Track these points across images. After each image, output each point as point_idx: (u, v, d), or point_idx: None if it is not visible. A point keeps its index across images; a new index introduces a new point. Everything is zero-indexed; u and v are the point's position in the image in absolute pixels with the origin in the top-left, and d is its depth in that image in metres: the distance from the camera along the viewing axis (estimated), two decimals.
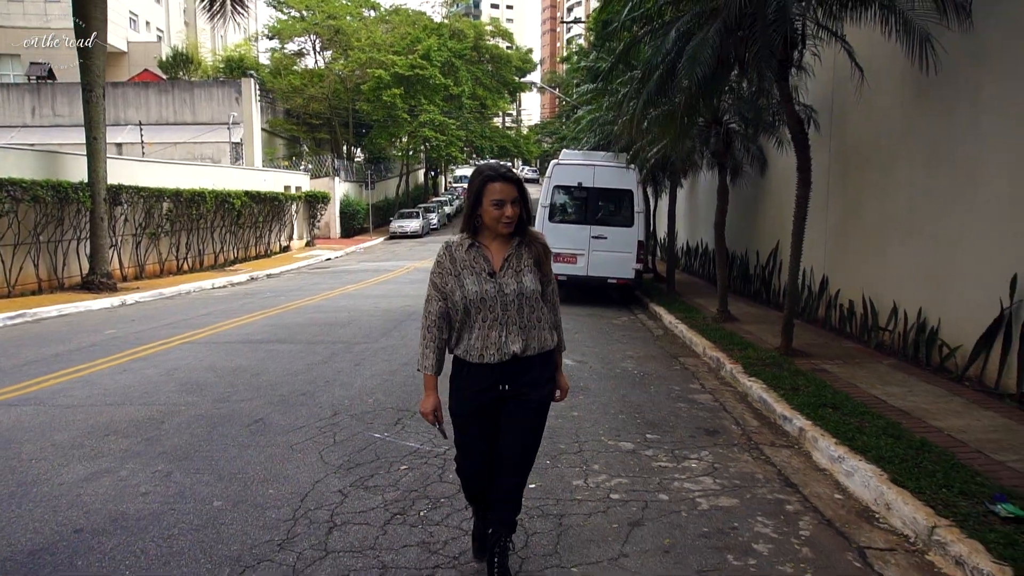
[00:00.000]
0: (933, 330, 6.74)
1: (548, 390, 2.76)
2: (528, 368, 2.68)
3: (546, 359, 2.75)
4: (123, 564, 2.93)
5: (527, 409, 2.69)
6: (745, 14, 6.05)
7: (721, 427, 5.22)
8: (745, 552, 3.22)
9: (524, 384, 2.67)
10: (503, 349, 2.61)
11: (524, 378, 2.67)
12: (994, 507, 3.42)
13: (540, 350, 2.70)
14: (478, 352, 2.62)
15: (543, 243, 2.76)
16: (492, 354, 2.61)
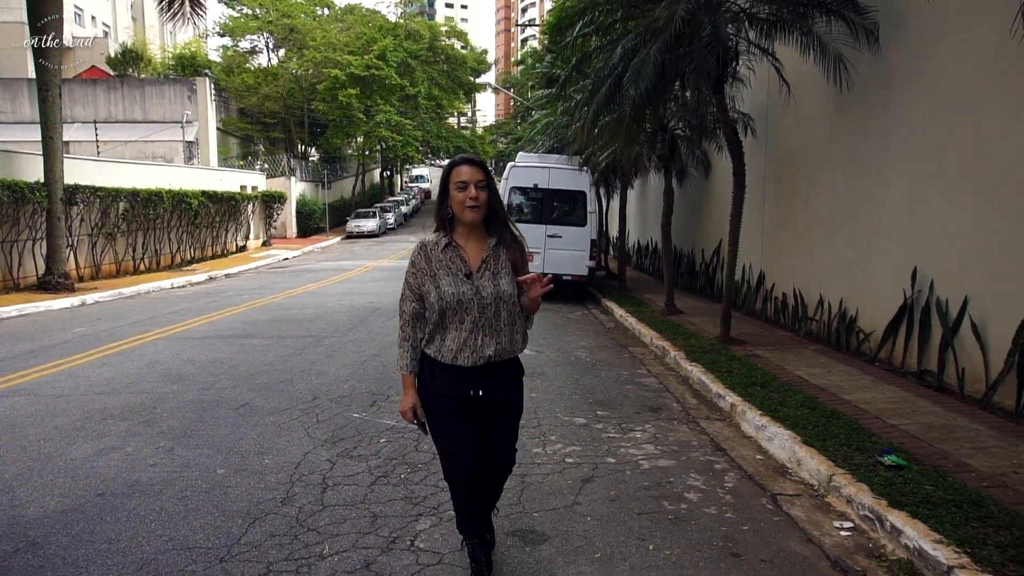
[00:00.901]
0: (852, 318, 7.55)
1: (519, 393, 2.78)
2: (500, 373, 2.66)
3: (516, 363, 2.75)
4: (147, 519, 3.37)
5: (502, 408, 2.72)
6: (683, 34, 6.73)
7: (664, 405, 5.87)
8: (678, 499, 3.84)
9: (498, 391, 2.67)
10: (478, 352, 2.57)
11: (497, 383, 2.66)
12: (882, 459, 4.12)
13: (512, 354, 2.69)
14: (452, 354, 2.58)
15: (521, 245, 2.72)
16: (467, 357, 2.57)
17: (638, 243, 19.71)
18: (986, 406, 5.31)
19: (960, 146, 5.81)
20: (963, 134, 5.78)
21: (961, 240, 5.83)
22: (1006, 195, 5.30)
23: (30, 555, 3.02)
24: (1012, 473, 3.96)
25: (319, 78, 35.87)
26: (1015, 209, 5.21)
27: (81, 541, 3.15)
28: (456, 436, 2.66)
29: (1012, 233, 5.24)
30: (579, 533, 3.37)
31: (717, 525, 3.52)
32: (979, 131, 5.59)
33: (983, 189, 5.56)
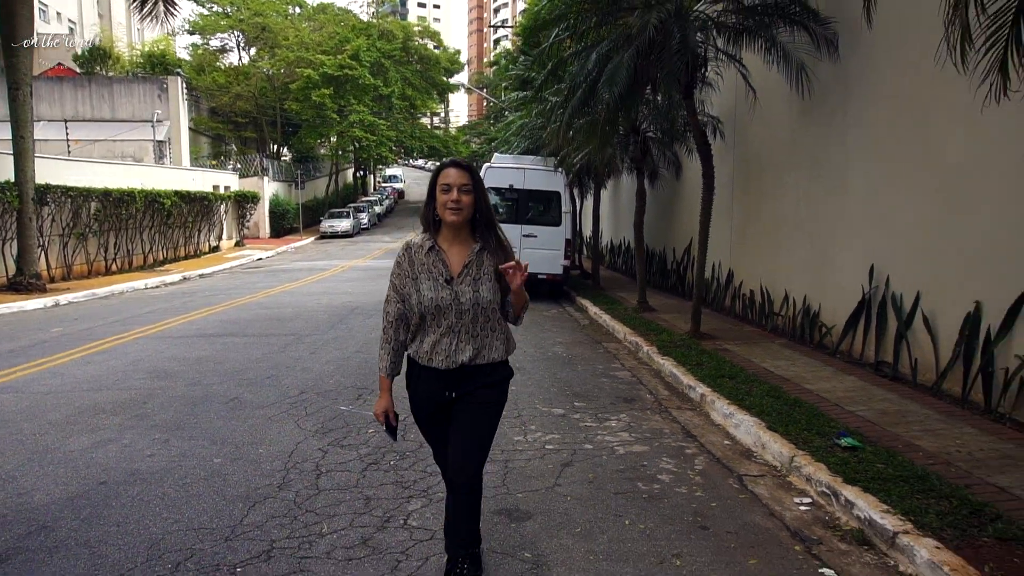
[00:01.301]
0: (815, 314, 7.92)
1: (497, 392, 2.70)
2: (476, 375, 2.63)
3: (496, 368, 2.68)
4: (151, 504, 3.54)
5: (475, 402, 2.64)
6: (655, 41, 7.03)
7: (637, 396, 6.15)
8: (651, 480, 4.11)
9: (472, 387, 2.63)
10: (452, 357, 2.57)
11: (472, 383, 2.63)
12: (839, 441, 4.44)
13: (491, 360, 2.65)
14: (427, 356, 2.60)
15: (508, 254, 2.65)
16: (441, 360, 2.58)
17: (611, 243, 20.08)
18: (936, 393, 5.69)
19: (910, 150, 6.19)
20: (912, 138, 6.16)
21: (913, 238, 6.21)
22: (951, 195, 5.69)
23: (43, 537, 3.18)
24: (955, 452, 4.31)
25: (292, 77, 35.70)
26: (959, 209, 5.60)
27: (90, 524, 3.31)
28: (435, 438, 2.75)
29: (957, 231, 5.62)
30: (560, 511, 3.62)
31: (687, 502, 3.80)
32: (926, 136, 5.97)
33: (931, 190, 5.94)
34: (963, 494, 3.59)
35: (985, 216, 5.33)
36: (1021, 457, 4.22)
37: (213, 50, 40.53)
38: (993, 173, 5.24)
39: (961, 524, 3.26)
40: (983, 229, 5.35)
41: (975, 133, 5.34)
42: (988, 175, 5.29)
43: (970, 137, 5.43)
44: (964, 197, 5.55)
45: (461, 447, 2.63)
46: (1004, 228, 5.14)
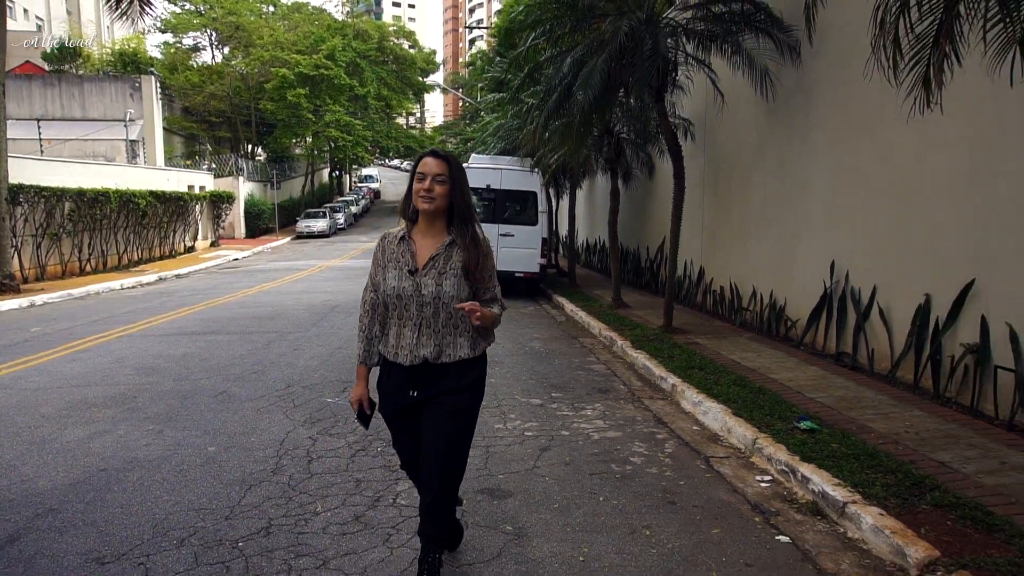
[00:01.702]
0: (780, 308, 8.28)
1: (466, 399, 2.61)
2: (441, 376, 2.57)
3: (463, 368, 2.60)
4: (151, 488, 3.73)
5: (442, 413, 2.56)
6: (627, 47, 7.33)
7: (611, 387, 6.44)
8: (624, 462, 4.39)
9: (437, 391, 2.57)
10: (414, 352, 2.54)
11: (437, 386, 2.57)
12: (798, 424, 4.76)
13: (457, 359, 2.58)
14: (394, 351, 2.58)
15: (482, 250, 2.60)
16: (405, 355, 2.55)
17: (587, 241, 20.41)
18: (890, 381, 6.06)
19: (864, 152, 6.55)
20: (866, 142, 6.53)
21: (869, 236, 6.58)
22: (901, 196, 6.06)
23: (51, 518, 3.35)
24: (904, 432, 4.65)
25: (266, 77, 35.53)
26: (908, 208, 5.97)
27: (95, 506, 3.49)
28: (398, 439, 2.74)
29: (907, 229, 6.00)
30: (539, 490, 3.87)
31: (657, 481, 4.08)
32: (878, 140, 6.33)
33: (884, 190, 6.31)
34: (907, 468, 3.92)
35: (932, 215, 5.71)
36: (962, 436, 4.57)
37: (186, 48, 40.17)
38: (939, 175, 5.61)
39: (903, 494, 3.58)
40: (930, 227, 5.72)
41: (922, 137, 5.71)
42: (934, 177, 5.66)
43: (917, 141, 5.80)
44: (913, 197, 5.93)
45: (427, 458, 2.55)
46: (949, 226, 5.51)
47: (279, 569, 2.91)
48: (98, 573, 2.86)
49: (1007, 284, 4.94)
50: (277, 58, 34.71)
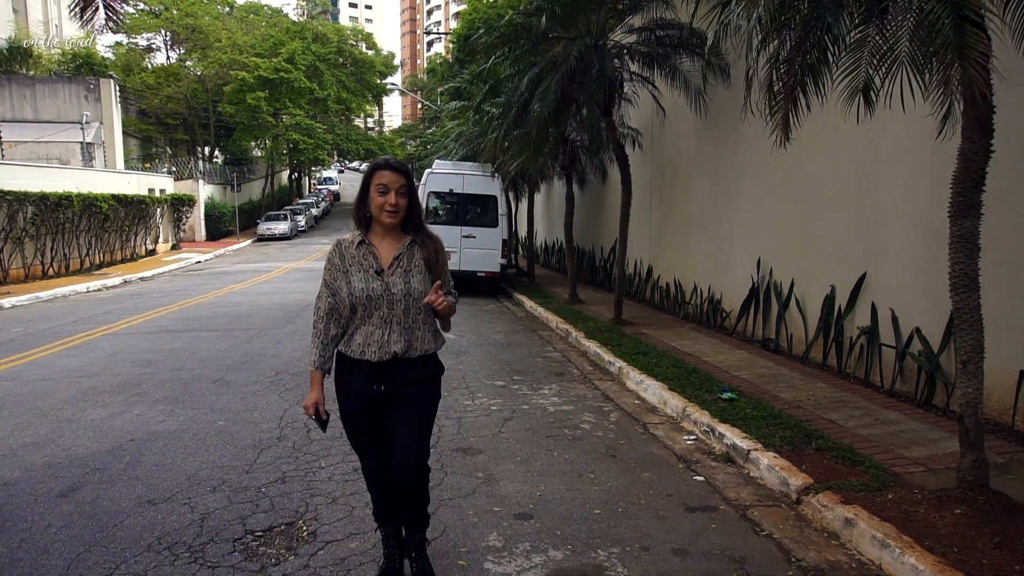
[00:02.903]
0: (717, 301, 9.25)
1: (430, 391, 2.77)
2: (407, 369, 2.69)
3: (427, 362, 2.75)
4: (177, 453, 4.40)
5: (409, 404, 2.71)
6: (578, 68, 8.18)
7: (566, 371, 7.27)
8: (575, 428, 5.21)
9: (403, 383, 2.69)
10: (384, 348, 2.63)
11: (403, 379, 2.69)
12: (721, 395, 5.66)
13: (423, 352, 2.71)
14: (359, 348, 2.64)
15: (437, 245, 2.76)
16: (373, 352, 2.62)
17: (545, 242, 21.30)
18: (804, 361, 7.04)
19: (782, 164, 7.52)
20: (785, 157, 7.47)
21: (788, 236, 7.57)
22: (811, 202, 7.05)
23: (99, 475, 4.01)
24: (806, 399, 5.60)
25: (225, 80, 35.53)
26: (816, 213, 6.95)
27: (133, 466, 4.15)
28: (363, 434, 2.76)
29: (815, 229, 6.98)
30: (504, 448, 4.67)
31: (602, 441, 4.91)
32: (792, 153, 7.30)
33: (798, 198, 7.29)
34: (802, 425, 4.83)
35: (834, 218, 6.70)
36: (852, 401, 5.54)
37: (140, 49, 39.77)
38: (838, 185, 6.60)
39: (795, 443, 4.48)
40: (833, 228, 6.72)
41: (825, 153, 6.70)
42: (835, 186, 6.65)
43: (822, 156, 6.78)
44: (820, 204, 6.92)
45: (400, 444, 2.69)
46: (846, 227, 6.51)
47: (298, 505, 3.64)
48: (152, 511, 3.55)
49: (889, 277, 5.93)
50: (236, 61, 34.77)
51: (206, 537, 3.28)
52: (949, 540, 3.13)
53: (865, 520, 3.36)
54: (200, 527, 3.38)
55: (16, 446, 4.53)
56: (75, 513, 3.52)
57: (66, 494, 3.75)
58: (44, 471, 4.08)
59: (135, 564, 3.02)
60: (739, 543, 3.37)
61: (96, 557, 3.08)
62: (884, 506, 3.52)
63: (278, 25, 40.88)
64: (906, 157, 5.71)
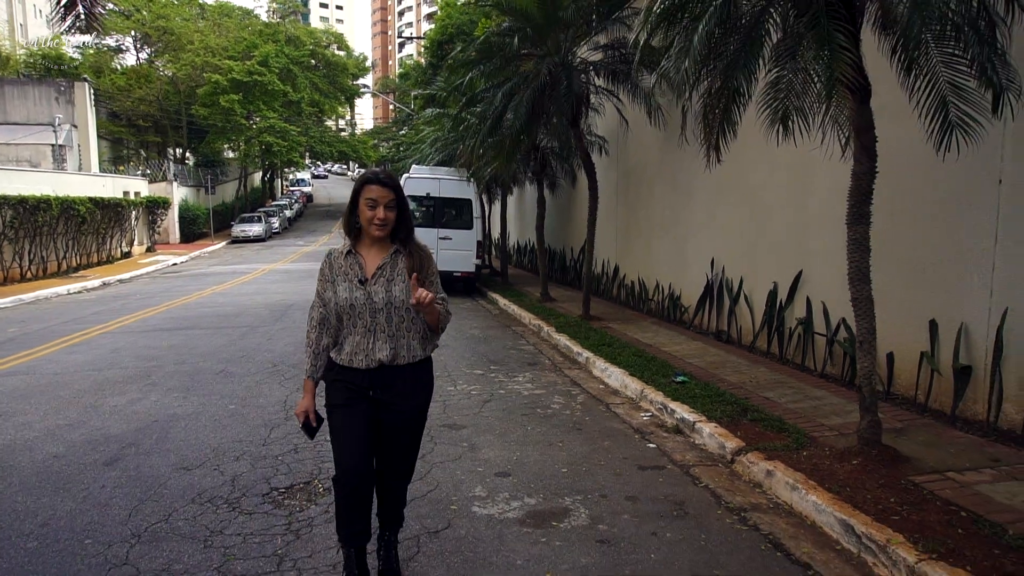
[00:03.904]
0: (677, 297, 10.06)
1: (421, 399, 2.82)
2: (397, 377, 2.72)
3: (417, 369, 2.78)
4: (198, 431, 5.01)
5: (401, 419, 2.76)
6: (546, 85, 8.91)
7: (538, 361, 7.99)
8: (546, 408, 5.93)
9: (395, 395, 2.73)
10: (371, 356, 2.68)
11: (394, 388, 2.73)
12: (675, 378, 6.43)
13: (411, 360, 2.74)
14: (348, 357, 2.70)
15: (424, 255, 2.78)
16: (360, 360, 2.68)
17: (518, 244, 22.03)
18: (751, 350, 7.86)
19: (730, 173, 8.33)
20: (731, 165, 8.29)
21: (737, 237, 8.38)
22: (755, 208, 7.87)
23: (135, 449, 4.61)
24: (748, 382, 6.39)
25: (198, 82, 35.63)
26: (760, 217, 7.78)
27: (163, 441, 4.76)
28: (346, 428, 2.73)
29: (760, 233, 7.81)
30: (485, 424, 5.36)
31: (570, 418, 5.64)
32: (738, 163, 8.13)
33: (745, 202, 8.11)
34: (741, 402, 5.61)
35: (775, 221, 7.52)
36: (787, 382, 6.35)
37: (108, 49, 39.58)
38: (779, 191, 7.43)
39: (734, 416, 5.25)
40: (774, 231, 7.54)
41: (768, 163, 7.52)
42: (776, 193, 7.48)
43: (766, 166, 7.60)
44: (762, 209, 7.75)
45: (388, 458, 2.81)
46: (785, 229, 7.33)
47: (312, 469, 4.30)
48: (188, 475, 4.17)
49: (820, 274, 6.76)
50: (209, 63, 34.90)
51: (239, 493, 3.92)
52: (844, 482, 3.91)
53: (782, 471, 4.13)
54: (232, 486, 4.02)
55: (53, 427, 5.11)
56: (122, 477, 4.13)
57: (110, 463, 4.36)
58: (85, 446, 4.67)
59: (184, 512, 3.66)
60: (680, 492, 4.12)
61: (150, 508, 3.70)
62: (799, 461, 4.29)
63: (250, 27, 41.02)
64: (830, 171, 6.51)
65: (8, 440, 4.83)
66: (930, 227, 5.38)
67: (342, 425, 2.75)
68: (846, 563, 3.29)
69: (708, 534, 3.55)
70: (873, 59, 3.98)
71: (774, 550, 3.40)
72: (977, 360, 4.94)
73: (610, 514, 3.75)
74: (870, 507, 3.58)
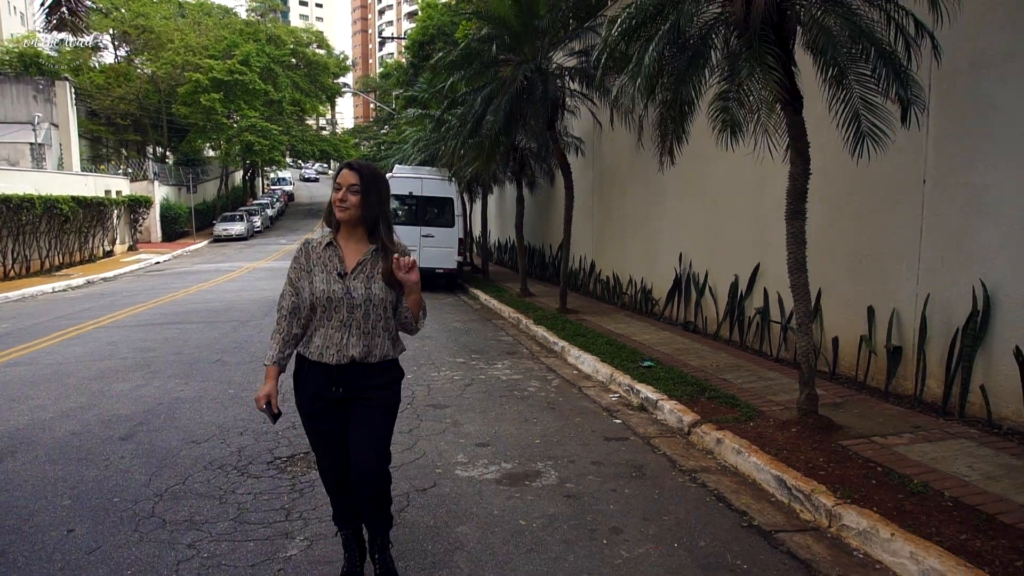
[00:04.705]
0: (648, 291, 10.61)
1: (389, 396, 2.78)
2: (366, 375, 2.70)
3: (387, 368, 2.76)
4: (203, 411, 5.44)
5: (368, 407, 2.71)
6: (524, 89, 9.41)
7: (517, 350, 8.49)
8: (523, 391, 6.43)
9: (362, 387, 2.70)
10: (342, 351, 2.64)
11: (361, 383, 2.70)
12: (642, 363, 6.96)
13: (382, 359, 2.72)
14: (319, 351, 2.66)
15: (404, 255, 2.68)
16: (332, 355, 2.64)
17: (499, 241, 22.53)
18: (715, 338, 8.42)
19: (698, 175, 8.90)
20: (696, 168, 8.88)
21: (702, 233, 8.95)
22: (719, 205, 8.44)
23: (146, 427, 5.03)
24: (709, 366, 6.94)
25: (178, 81, 35.66)
26: (723, 214, 8.34)
27: (171, 421, 5.19)
28: (321, 435, 2.77)
29: (723, 229, 8.37)
30: (466, 404, 5.85)
31: (545, 399, 6.14)
32: (702, 167, 8.69)
33: (709, 201, 8.67)
34: (701, 383, 6.15)
35: (735, 218, 8.09)
36: (744, 366, 6.91)
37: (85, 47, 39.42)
38: (738, 190, 7.99)
39: (693, 395, 5.79)
40: (735, 227, 8.11)
41: (728, 164, 8.08)
42: (736, 192, 8.04)
43: (726, 167, 8.17)
44: (725, 206, 8.31)
45: (358, 446, 2.70)
46: (745, 225, 7.90)
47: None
48: (198, 447, 4.61)
49: (775, 267, 7.32)
50: (189, 62, 34.95)
51: (245, 461, 4.38)
52: (782, 447, 4.45)
53: (730, 439, 4.67)
54: (239, 456, 4.47)
55: (66, 409, 5.51)
56: (138, 450, 4.56)
57: (125, 438, 4.78)
58: (99, 425, 5.09)
59: (199, 476, 4.10)
60: (640, 458, 4.64)
61: (167, 474, 4.15)
62: (746, 431, 4.83)
63: (230, 26, 41.05)
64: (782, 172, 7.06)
65: (27, 420, 5.23)
66: (868, 223, 5.96)
67: (315, 435, 2.80)
68: (778, 511, 3.82)
69: (661, 490, 4.07)
70: (811, 75, 4.52)
71: (717, 501, 3.93)
72: (907, 342, 5.53)
73: (576, 475, 4.26)
74: (801, 465, 4.12)
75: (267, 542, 3.31)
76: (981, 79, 4.77)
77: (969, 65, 4.89)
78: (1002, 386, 4.69)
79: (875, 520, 3.37)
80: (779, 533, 3.54)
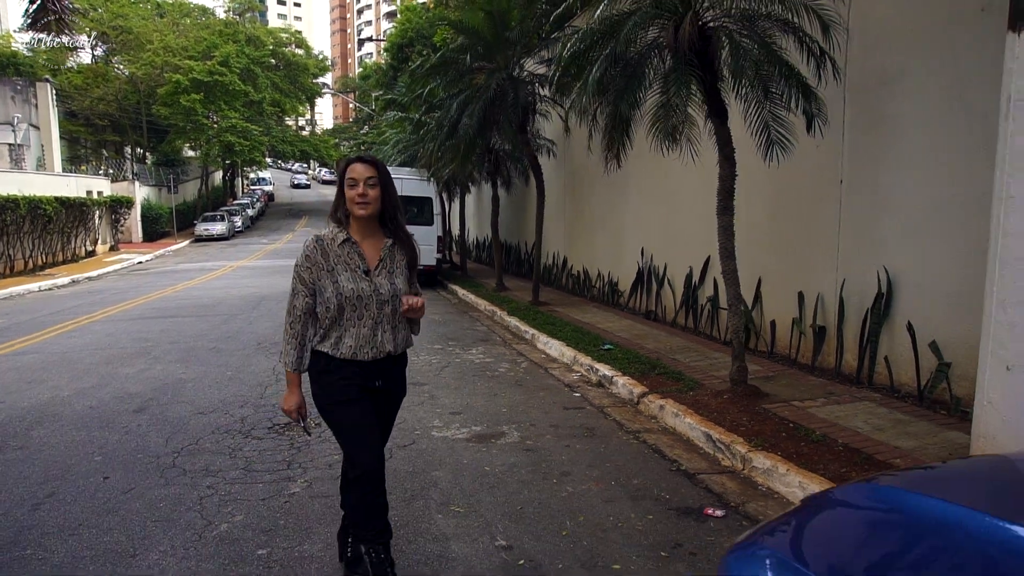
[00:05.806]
0: (615, 283, 11.35)
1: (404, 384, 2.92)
2: (395, 365, 2.79)
3: (406, 357, 2.88)
4: (204, 390, 6.05)
5: (394, 404, 2.85)
6: (496, 97, 10.09)
7: (490, 338, 9.17)
8: (494, 371, 7.11)
9: (393, 381, 2.79)
10: (379, 348, 2.65)
11: (392, 374, 2.78)
12: (603, 347, 7.68)
13: (406, 348, 2.82)
14: (351, 350, 2.62)
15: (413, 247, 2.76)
16: (367, 352, 2.63)
17: (477, 239, 23.19)
18: (672, 325, 9.18)
19: (657, 176, 9.64)
20: (657, 170, 9.61)
21: (661, 230, 9.69)
22: (674, 204, 9.19)
23: (155, 402, 5.64)
24: (663, 349, 7.68)
25: (158, 81, 35.86)
26: (677, 212, 9.10)
27: (177, 398, 5.80)
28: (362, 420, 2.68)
29: (678, 225, 9.13)
30: (442, 382, 6.52)
31: (513, 378, 6.83)
32: (662, 169, 9.42)
33: (666, 200, 9.42)
34: (653, 362, 6.88)
35: (688, 215, 8.84)
36: (694, 348, 7.66)
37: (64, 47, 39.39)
38: (689, 190, 8.74)
39: (645, 372, 6.52)
40: (688, 223, 8.86)
41: (681, 166, 8.82)
42: (688, 191, 8.79)
43: (679, 168, 8.91)
44: (679, 204, 9.07)
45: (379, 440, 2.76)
46: (696, 222, 8.65)
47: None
48: (204, 417, 5.24)
49: None
50: (169, 63, 35.17)
51: (248, 427, 5.02)
52: (714, 410, 5.18)
53: (671, 405, 5.39)
54: (242, 423, 5.11)
55: (80, 389, 6.10)
56: (152, 420, 5.18)
57: (139, 411, 5.39)
58: (113, 401, 5.69)
59: (209, 439, 4.74)
60: (593, 422, 5.34)
61: (180, 437, 4.78)
62: (686, 399, 5.56)
63: (210, 27, 41.26)
64: None
65: (47, 398, 5.82)
66: (797, 218, 6.73)
67: (354, 420, 2.67)
68: (703, 459, 4.55)
69: (607, 446, 4.78)
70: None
71: (654, 453, 4.65)
72: (829, 322, 6.30)
73: (536, 435, 4.95)
74: (727, 424, 4.86)
75: (273, 484, 3.97)
76: (883, 94, 5.54)
77: (877, 82, 5.66)
78: (901, 357, 5.47)
79: (776, 460, 4.11)
80: (701, 475, 4.27)
